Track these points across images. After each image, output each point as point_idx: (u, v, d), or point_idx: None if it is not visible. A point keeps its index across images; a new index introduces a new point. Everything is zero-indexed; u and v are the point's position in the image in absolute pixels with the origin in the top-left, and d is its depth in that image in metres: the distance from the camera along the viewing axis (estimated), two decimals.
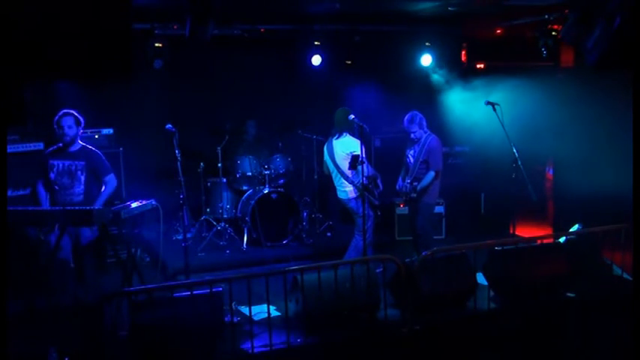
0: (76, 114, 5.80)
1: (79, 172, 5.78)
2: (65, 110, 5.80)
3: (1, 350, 3.22)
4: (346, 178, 6.71)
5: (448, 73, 8.95)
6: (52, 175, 5.76)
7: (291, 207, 8.15)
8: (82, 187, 5.77)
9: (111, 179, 5.90)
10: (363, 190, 6.44)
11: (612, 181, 6.65)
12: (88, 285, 5.76)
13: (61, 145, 5.79)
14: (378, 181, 6.90)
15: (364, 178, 6.37)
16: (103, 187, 5.88)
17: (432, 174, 6.76)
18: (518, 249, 5.85)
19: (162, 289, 4.79)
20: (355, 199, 6.73)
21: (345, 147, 6.72)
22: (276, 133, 8.88)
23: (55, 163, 5.79)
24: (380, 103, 8.64)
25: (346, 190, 6.76)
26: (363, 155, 6.32)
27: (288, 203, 8.14)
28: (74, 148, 5.82)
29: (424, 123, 6.89)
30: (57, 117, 5.76)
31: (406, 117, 6.86)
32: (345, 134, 6.77)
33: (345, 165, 6.70)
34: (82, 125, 5.85)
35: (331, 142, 6.89)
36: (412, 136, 6.87)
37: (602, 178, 6.92)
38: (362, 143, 6.46)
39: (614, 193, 6.35)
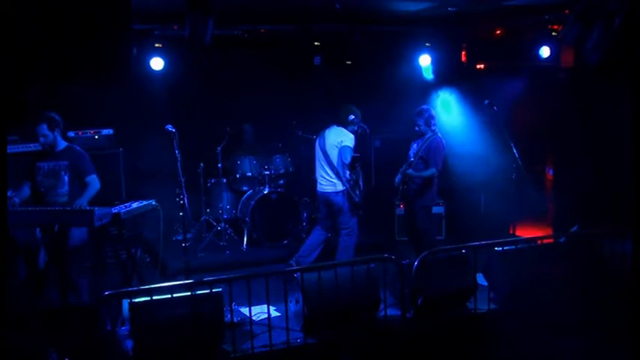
0: (50, 117, 5.67)
1: (62, 172, 5.72)
2: (41, 115, 5.67)
3: (1, 350, 3.22)
4: (332, 168, 6.62)
5: (448, 73, 8.95)
6: (38, 178, 5.72)
7: (291, 207, 8.15)
8: (66, 187, 5.71)
9: (93, 180, 5.77)
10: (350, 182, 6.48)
11: (612, 181, 6.66)
12: (76, 288, 5.72)
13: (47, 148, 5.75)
14: (360, 181, 6.72)
15: (351, 175, 6.38)
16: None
17: (431, 170, 6.68)
18: (518, 249, 5.84)
19: (162, 290, 4.79)
20: (342, 192, 6.63)
21: (336, 136, 6.69)
22: (276, 134, 8.88)
23: (41, 165, 5.75)
24: (380, 103, 8.64)
25: (333, 181, 6.66)
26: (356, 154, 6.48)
27: (287, 203, 8.14)
28: (58, 148, 5.78)
29: (432, 121, 6.81)
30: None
31: (417, 108, 6.87)
32: (337, 126, 6.75)
33: (334, 154, 6.63)
34: (60, 124, 5.73)
35: (324, 133, 6.87)
36: (416, 128, 6.83)
37: (602, 178, 6.93)
38: (356, 142, 6.53)
39: (614, 193, 6.36)
